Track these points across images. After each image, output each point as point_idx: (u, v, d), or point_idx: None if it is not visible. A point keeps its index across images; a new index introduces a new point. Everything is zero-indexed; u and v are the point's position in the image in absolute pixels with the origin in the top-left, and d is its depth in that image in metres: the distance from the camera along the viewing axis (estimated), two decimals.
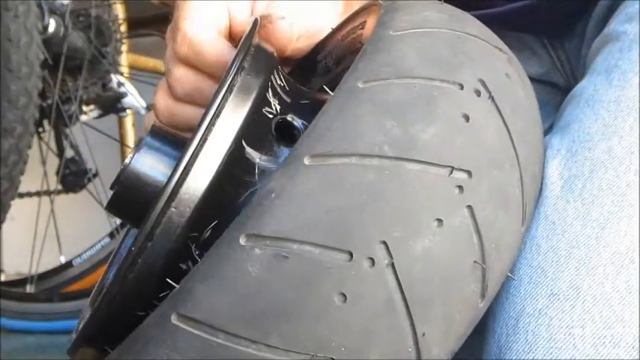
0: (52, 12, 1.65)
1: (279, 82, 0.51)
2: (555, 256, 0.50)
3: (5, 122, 1.44)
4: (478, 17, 0.53)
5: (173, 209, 0.45)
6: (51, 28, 1.64)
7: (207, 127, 0.46)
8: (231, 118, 0.47)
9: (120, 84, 1.80)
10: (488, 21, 0.53)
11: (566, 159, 0.54)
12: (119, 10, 1.88)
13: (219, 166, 0.46)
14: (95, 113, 1.83)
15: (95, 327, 0.48)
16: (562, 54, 0.74)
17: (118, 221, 1.83)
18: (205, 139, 0.46)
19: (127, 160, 0.51)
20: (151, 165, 0.51)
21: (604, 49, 0.61)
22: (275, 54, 0.54)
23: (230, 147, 0.47)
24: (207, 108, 0.46)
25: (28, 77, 1.48)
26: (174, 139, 0.53)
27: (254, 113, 0.48)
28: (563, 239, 0.50)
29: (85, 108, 1.81)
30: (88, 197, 1.83)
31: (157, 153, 0.51)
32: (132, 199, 0.50)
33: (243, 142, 0.48)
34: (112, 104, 1.82)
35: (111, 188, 0.52)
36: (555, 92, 0.75)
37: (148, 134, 0.52)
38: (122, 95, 1.81)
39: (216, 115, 0.46)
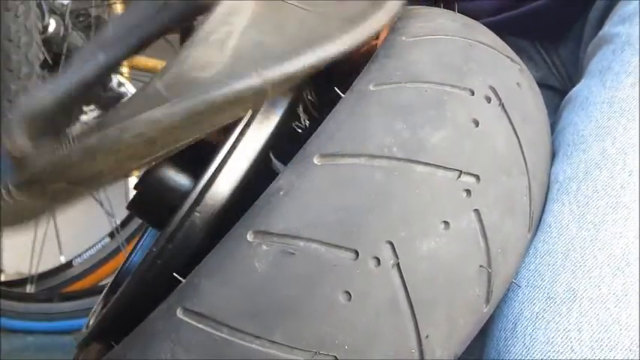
0: (52, 12, 1.65)
1: (309, 97, 0.52)
2: (552, 259, 0.50)
3: None
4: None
5: (197, 214, 0.46)
6: (51, 28, 1.64)
7: (238, 136, 0.46)
8: (260, 129, 0.47)
9: (120, 84, 1.80)
10: (487, 27, 0.53)
11: (562, 161, 0.54)
12: (119, 10, 1.88)
13: (245, 175, 0.47)
14: (95, 113, 1.83)
15: (108, 324, 0.49)
16: (557, 59, 0.74)
17: (118, 221, 1.83)
18: (234, 148, 0.46)
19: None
20: (176, 169, 0.51)
21: (598, 51, 0.61)
22: None
23: (257, 158, 0.47)
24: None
25: (28, 77, 1.48)
26: (201, 145, 0.53)
27: (283, 126, 0.49)
28: (559, 242, 0.50)
29: (85, 108, 1.81)
30: (88, 197, 1.83)
31: (183, 157, 0.52)
32: (154, 201, 0.50)
33: (271, 154, 0.48)
34: (112, 104, 1.81)
35: (135, 188, 0.52)
36: (553, 94, 0.75)
37: None
38: (122, 95, 1.80)
39: (247, 126, 0.47)
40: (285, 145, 0.49)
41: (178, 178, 0.50)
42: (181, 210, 0.46)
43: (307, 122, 0.51)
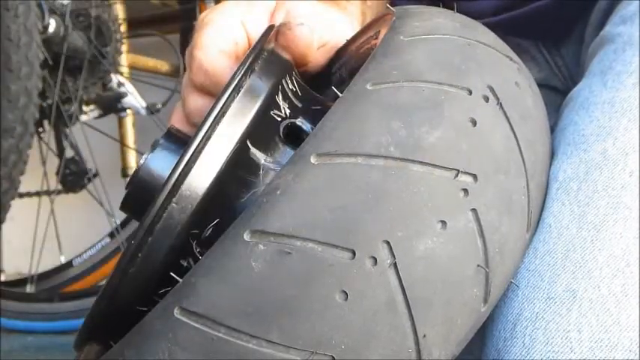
0: (52, 12, 1.65)
1: (290, 86, 0.52)
2: (552, 259, 0.50)
3: (5, 122, 1.44)
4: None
5: (174, 205, 0.46)
6: (51, 28, 1.64)
7: (211, 125, 0.46)
8: (237, 117, 0.47)
9: (120, 84, 1.80)
10: (488, 27, 0.53)
11: (562, 161, 0.54)
12: (119, 10, 1.88)
13: (223, 165, 0.47)
14: (95, 113, 1.83)
15: (97, 319, 0.49)
16: (559, 60, 0.74)
17: (118, 221, 1.83)
18: (209, 137, 0.46)
19: (141, 161, 0.52)
20: (164, 166, 0.51)
21: (599, 51, 0.61)
22: (290, 60, 0.54)
23: (234, 146, 0.47)
24: (213, 106, 0.47)
25: (28, 77, 1.48)
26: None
27: (261, 115, 0.48)
28: (560, 242, 0.50)
29: (85, 108, 1.81)
30: (88, 197, 1.83)
31: (170, 155, 0.52)
32: (145, 199, 0.50)
33: (249, 143, 0.48)
34: (112, 104, 1.82)
35: (126, 188, 0.52)
36: (555, 94, 0.75)
37: (163, 136, 0.53)
38: (122, 95, 1.81)
39: (222, 114, 0.46)
40: (264, 133, 0.49)
41: (166, 174, 0.50)
42: (157, 202, 0.45)
43: (287, 111, 0.51)
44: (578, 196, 0.52)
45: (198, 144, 0.46)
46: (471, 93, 0.46)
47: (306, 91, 0.54)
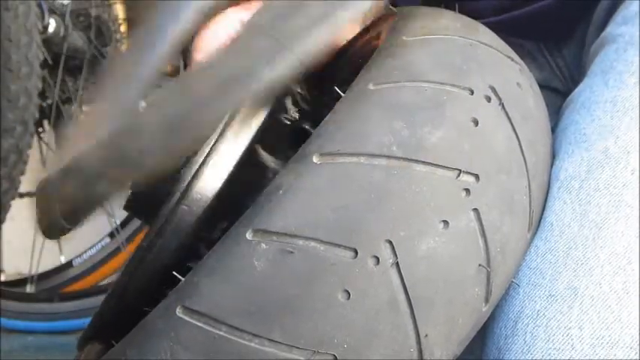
0: (52, 12, 1.65)
1: (299, 90, 0.52)
2: (553, 257, 0.50)
3: (5, 122, 1.44)
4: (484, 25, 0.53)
5: (185, 208, 0.46)
6: (51, 28, 1.64)
7: (224, 129, 0.46)
8: (247, 121, 0.47)
9: None
10: (490, 27, 0.53)
11: (563, 160, 0.54)
12: (119, 10, 1.88)
13: (233, 168, 0.47)
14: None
15: (104, 319, 0.49)
16: (560, 60, 0.74)
17: (118, 221, 1.83)
18: (220, 142, 0.46)
19: None
20: None
21: (601, 51, 0.61)
22: None
23: (244, 150, 0.47)
24: None
25: (28, 77, 1.48)
26: None
27: (271, 119, 0.48)
28: (561, 240, 0.50)
29: (85, 108, 1.81)
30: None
31: None
32: (148, 199, 0.50)
33: (258, 147, 0.48)
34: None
35: (129, 189, 0.53)
36: (556, 95, 0.75)
37: None
38: None
39: (233, 119, 0.47)
40: (273, 137, 0.49)
41: (168, 175, 0.50)
42: (169, 204, 0.46)
43: (296, 115, 0.51)
44: (580, 195, 0.52)
45: (210, 148, 0.46)
46: (472, 93, 0.46)
47: (311, 93, 0.54)
